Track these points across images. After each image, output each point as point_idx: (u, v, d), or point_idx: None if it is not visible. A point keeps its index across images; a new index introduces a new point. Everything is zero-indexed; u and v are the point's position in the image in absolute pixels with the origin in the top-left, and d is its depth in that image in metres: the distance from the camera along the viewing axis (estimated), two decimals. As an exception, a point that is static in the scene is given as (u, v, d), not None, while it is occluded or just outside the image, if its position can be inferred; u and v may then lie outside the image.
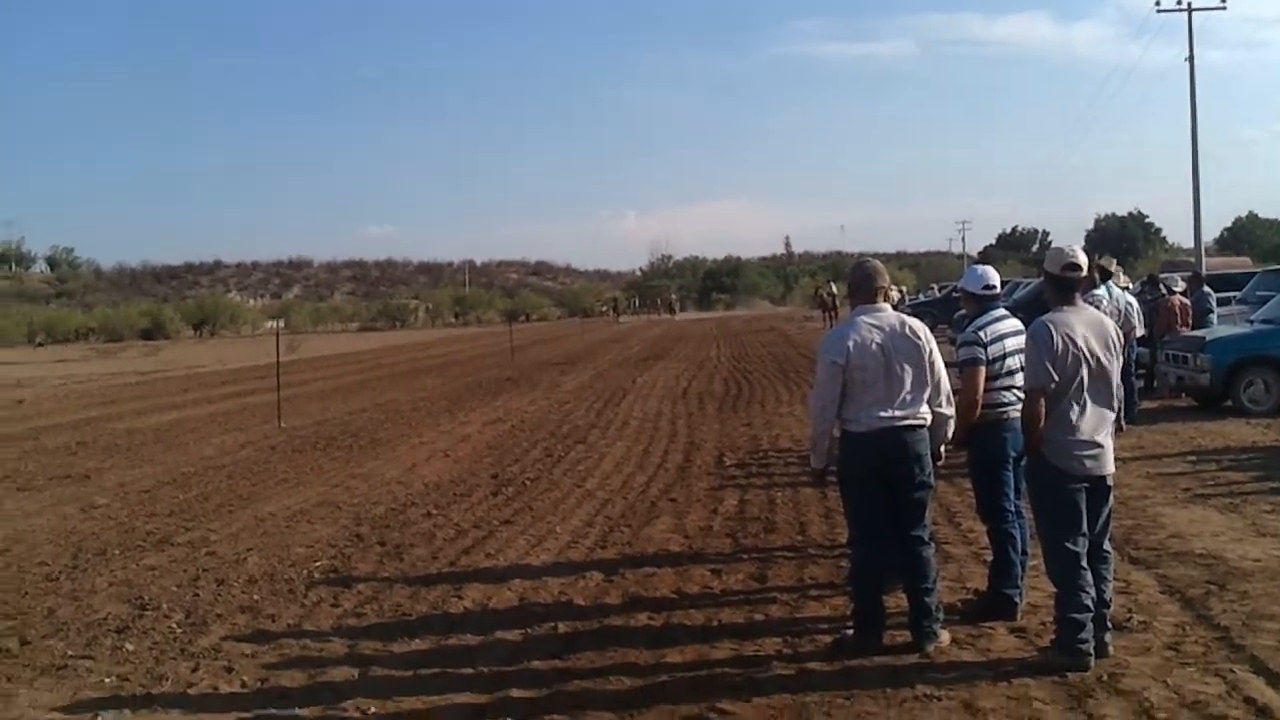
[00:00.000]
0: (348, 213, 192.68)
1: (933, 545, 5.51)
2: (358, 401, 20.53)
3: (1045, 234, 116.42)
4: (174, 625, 6.30)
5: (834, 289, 48.58)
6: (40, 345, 72.54)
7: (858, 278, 5.56)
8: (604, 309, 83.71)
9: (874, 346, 5.25)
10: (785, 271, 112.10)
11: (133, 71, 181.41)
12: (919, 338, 5.36)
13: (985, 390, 5.74)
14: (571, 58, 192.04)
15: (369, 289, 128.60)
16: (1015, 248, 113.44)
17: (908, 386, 5.27)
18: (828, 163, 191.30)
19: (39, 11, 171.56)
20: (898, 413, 5.24)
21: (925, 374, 5.34)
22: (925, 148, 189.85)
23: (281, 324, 75.60)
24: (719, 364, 26.87)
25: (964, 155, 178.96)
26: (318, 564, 7.65)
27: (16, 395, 25.98)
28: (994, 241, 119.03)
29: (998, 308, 6.09)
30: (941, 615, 5.39)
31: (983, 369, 5.75)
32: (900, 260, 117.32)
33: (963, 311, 6.85)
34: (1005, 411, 5.76)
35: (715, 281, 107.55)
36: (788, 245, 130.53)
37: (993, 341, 5.83)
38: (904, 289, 49.42)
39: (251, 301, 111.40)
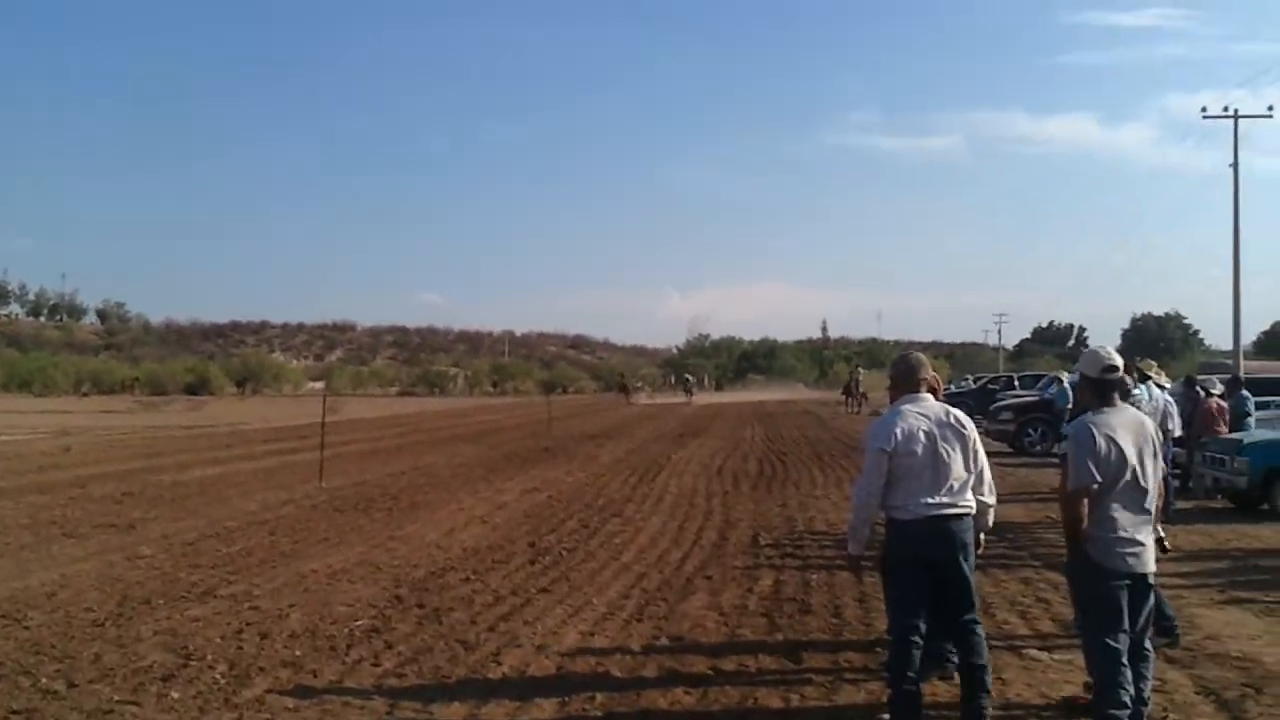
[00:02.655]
0: (394, 278, 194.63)
1: (982, 626, 5.56)
2: (397, 464, 20.73)
3: (1082, 330, 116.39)
4: (218, 676, 6.41)
5: (860, 375, 49.35)
6: (85, 395, 73.54)
7: (901, 370, 5.69)
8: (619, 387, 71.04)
9: (921, 434, 5.34)
10: (821, 355, 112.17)
11: (192, 133, 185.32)
12: (964, 426, 5.47)
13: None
14: (626, 135, 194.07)
15: (410, 355, 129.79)
16: (1051, 342, 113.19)
17: (954, 475, 5.35)
18: (869, 250, 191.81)
19: (105, 70, 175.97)
20: (945, 500, 5.31)
21: (970, 462, 5.43)
22: (966, 240, 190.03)
23: (322, 386, 76.43)
24: (754, 444, 26.93)
25: (1004, 249, 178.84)
26: (359, 623, 7.75)
27: (63, 444, 26.39)
28: (1030, 335, 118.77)
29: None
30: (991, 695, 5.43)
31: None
32: (935, 349, 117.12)
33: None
34: None
35: (751, 362, 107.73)
36: (824, 329, 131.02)
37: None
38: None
39: (295, 362, 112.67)
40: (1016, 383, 36.86)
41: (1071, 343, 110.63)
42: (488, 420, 36.19)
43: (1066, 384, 23.71)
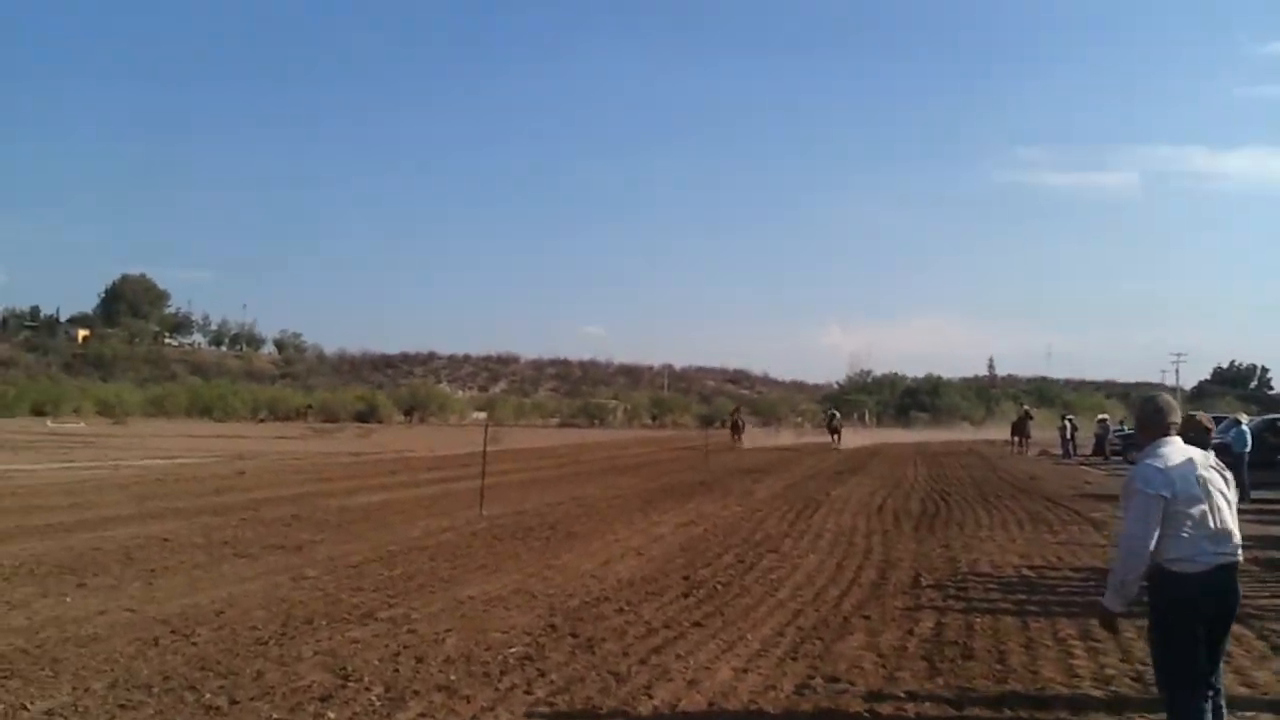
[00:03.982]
0: (558, 311, 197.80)
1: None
2: (555, 494, 20.91)
3: (1264, 370, 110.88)
4: (373, 698, 6.49)
5: (1032, 415, 47.42)
6: (262, 421, 76.71)
7: (1148, 411, 5.32)
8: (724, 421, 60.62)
9: (1194, 479, 5.02)
10: (988, 394, 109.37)
11: (366, 170, 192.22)
12: (1224, 470, 5.18)
13: None
14: (786, 168, 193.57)
15: (571, 387, 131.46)
16: (1233, 383, 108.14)
17: (1230, 521, 5.04)
18: (1037, 286, 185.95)
19: (283, 110, 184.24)
20: (1227, 549, 5.01)
21: (1233, 506, 5.13)
22: (1140, 277, 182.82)
23: (485, 416, 78.01)
24: (915, 483, 26.31)
25: (1180, 287, 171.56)
26: (513, 650, 7.77)
27: (238, 467, 27.48)
28: (1209, 376, 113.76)
29: None
30: None
31: None
32: (1109, 389, 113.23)
33: None
34: None
35: (914, 399, 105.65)
36: (991, 367, 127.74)
37: None
38: (1107, 418, 47.76)
39: (460, 392, 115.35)
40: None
41: (1254, 384, 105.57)
42: (645, 452, 36.31)
43: (1245, 427, 22.55)
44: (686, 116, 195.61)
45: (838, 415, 55.54)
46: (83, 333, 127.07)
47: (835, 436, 50.97)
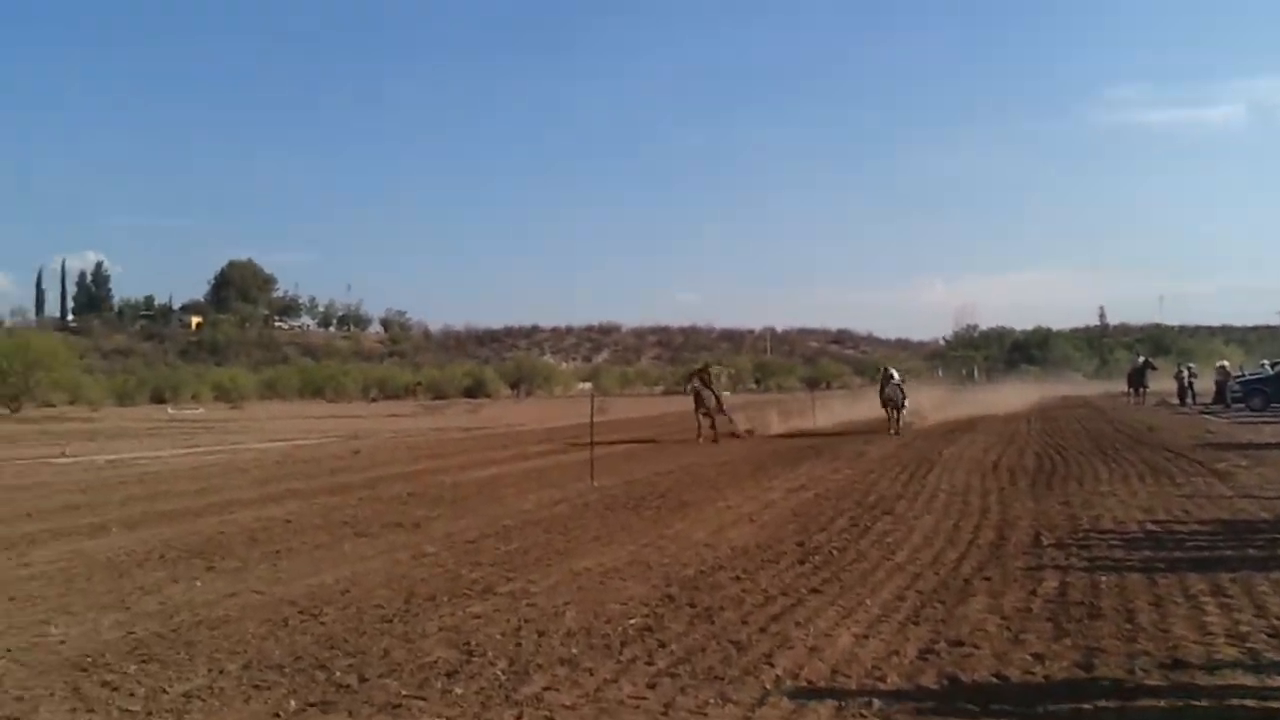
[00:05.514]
0: (657, 278, 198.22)
1: None
2: (663, 464, 20.98)
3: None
4: (498, 672, 6.57)
5: (1152, 363, 44.35)
6: (373, 400, 78.25)
7: None
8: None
9: None
10: (1100, 343, 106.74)
11: (459, 154, 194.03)
12: None
13: None
14: (881, 122, 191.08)
15: (673, 354, 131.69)
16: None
17: None
18: (1146, 231, 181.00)
19: (397, 100, 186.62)
20: None
21: None
22: (1254, 216, 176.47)
23: (590, 386, 78.58)
24: (1029, 438, 25.83)
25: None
26: (632, 621, 7.80)
27: (353, 447, 28.07)
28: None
29: None
30: None
31: None
32: (1226, 334, 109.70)
33: None
34: None
35: (1023, 353, 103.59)
36: (1102, 316, 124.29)
37: None
38: (1226, 364, 45.80)
39: (564, 364, 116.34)
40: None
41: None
42: (750, 417, 36.00)
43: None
44: (779, 76, 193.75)
45: (895, 376, 31.52)
46: (196, 319, 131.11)
47: (895, 413, 30.16)
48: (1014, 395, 47.83)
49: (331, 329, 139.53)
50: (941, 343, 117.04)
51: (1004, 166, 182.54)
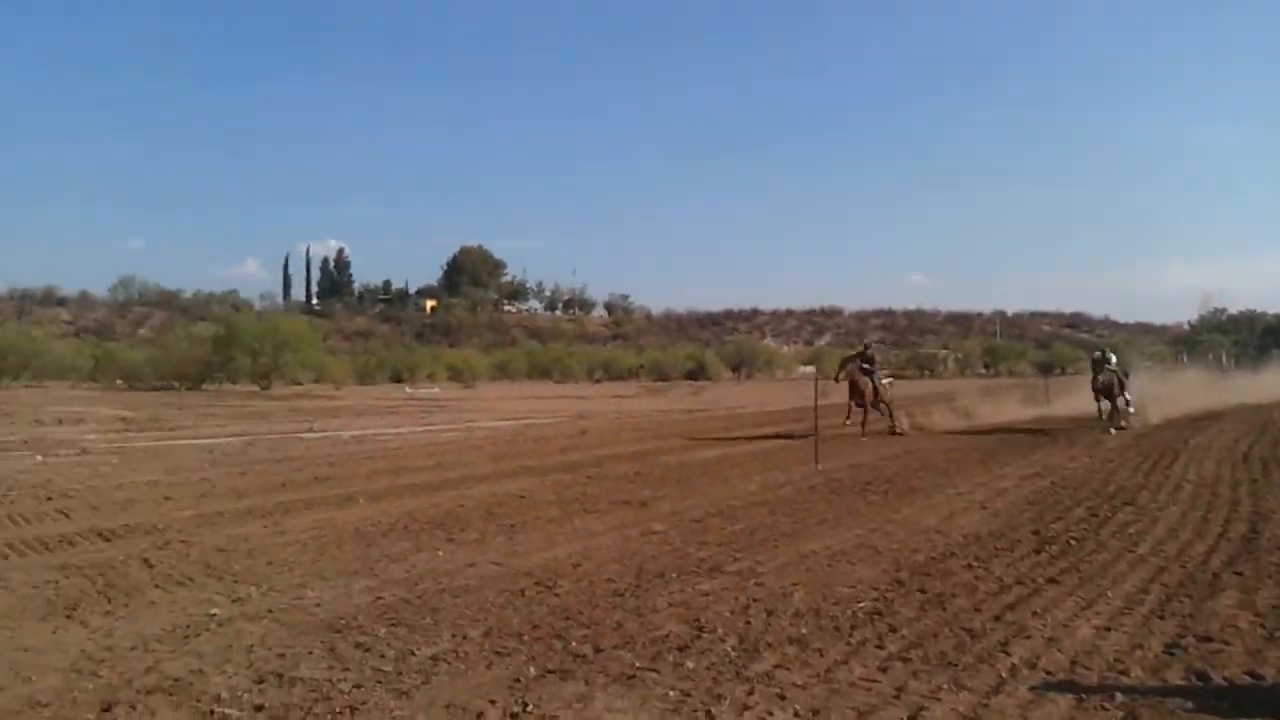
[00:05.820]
0: (881, 261, 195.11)
1: None
2: (889, 448, 20.67)
3: None
4: (729, 649, 6.64)
5: (1112, 362, 28.56)
6: (598, 381, 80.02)
7: None
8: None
9: None
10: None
11: (680, 134, 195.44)
12: None
13: None
14: (1108, 95, 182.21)
15: (898, 337, 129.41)
16: None
17: None
18: None
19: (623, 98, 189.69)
20: None
21: None
22: None
23: (812, 369, 78.09)
24: (1287, 428, 24.25)
25: None
26: (861, 604, 7.75)
27: (581, 426, 28.75)
28: None
29: None
30: None
31: None
32: None
33: None
34: None
35: (1276, 338, 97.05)
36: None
37: None
38: None
39: (785, 347, 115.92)
40: None
41: None
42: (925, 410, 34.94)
43: None
44: (986, 61, 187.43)
45: (1112, 361, 26.82)
46: (430, 303, 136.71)
47: (1107, 403, 25.93)
48: (1272, 382, 44.57)
49: (557, 312, 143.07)
50: (1186, 327, 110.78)
51: (1247, 137, 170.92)
